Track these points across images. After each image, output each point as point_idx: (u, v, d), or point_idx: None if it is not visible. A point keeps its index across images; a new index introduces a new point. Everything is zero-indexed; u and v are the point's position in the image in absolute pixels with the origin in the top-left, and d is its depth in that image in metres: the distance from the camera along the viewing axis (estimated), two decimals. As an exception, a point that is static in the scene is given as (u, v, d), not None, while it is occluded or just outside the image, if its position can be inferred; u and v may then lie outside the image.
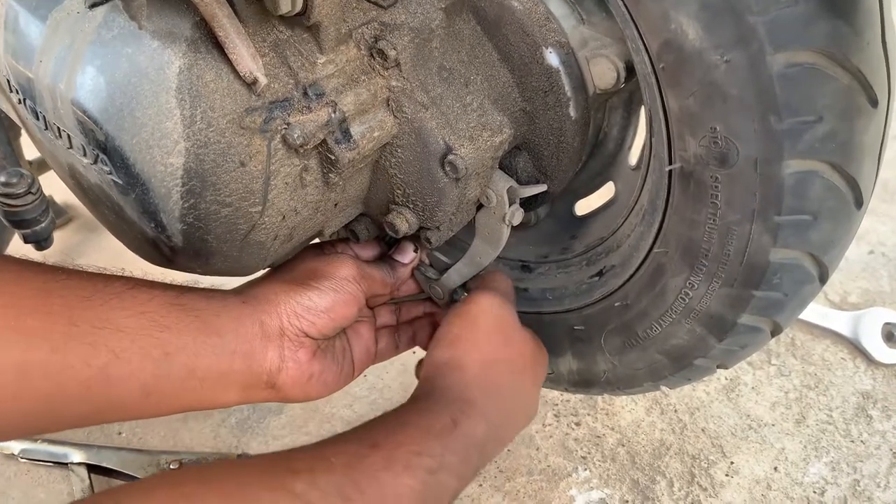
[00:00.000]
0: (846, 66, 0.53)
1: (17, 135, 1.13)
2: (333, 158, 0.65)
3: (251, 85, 0.59)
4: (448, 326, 0.79)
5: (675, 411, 1.24)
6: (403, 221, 0.75)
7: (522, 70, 0.73)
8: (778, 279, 0.64)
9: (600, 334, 0.83)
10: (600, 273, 0.83)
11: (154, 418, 0.67)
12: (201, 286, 0.70)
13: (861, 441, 1.18)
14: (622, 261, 0.79)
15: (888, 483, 1.12)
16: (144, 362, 0.60)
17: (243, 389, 0.69)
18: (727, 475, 1.14)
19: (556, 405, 1.26)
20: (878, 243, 1.54)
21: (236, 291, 0.73)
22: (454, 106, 0.70)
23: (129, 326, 0.60)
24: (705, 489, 1.12)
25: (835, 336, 1.35)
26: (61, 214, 1.73)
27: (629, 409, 1.25)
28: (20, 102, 0.66)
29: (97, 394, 0.58)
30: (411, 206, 0.74)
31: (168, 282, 0.67)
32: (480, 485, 1.14)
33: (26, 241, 0.65)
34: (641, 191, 0.78)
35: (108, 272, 0.64)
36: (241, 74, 0.58)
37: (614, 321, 0.81)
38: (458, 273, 0.88)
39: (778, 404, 1.24)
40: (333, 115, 0.64)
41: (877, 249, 1.53)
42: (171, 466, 1.15)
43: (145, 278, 0.66)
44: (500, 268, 0.96)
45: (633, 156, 0.87)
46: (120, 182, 0.61)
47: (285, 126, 0.62)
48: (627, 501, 1.11)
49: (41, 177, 1.24)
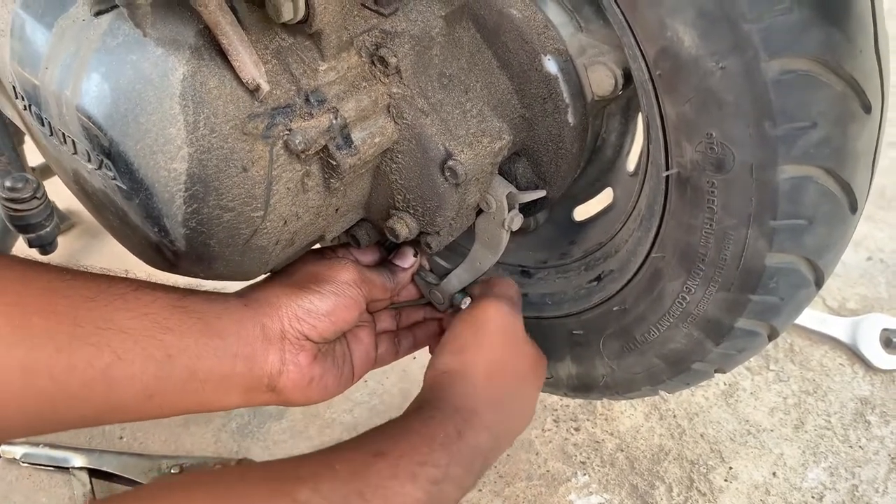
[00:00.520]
0: (840, 73, 0.54)
1: (21, 140, 1.14)
2: (335, 164, 0.66)
3: (254, 91, 0.60)
4: (454, 333, 0.79)
5: (674, 416, 1.24)
6: (404, 226, 0.75)
7: (521, 77, 0.74)
8: (774, 283, 0.65)
9: (599, 339, 0.84)
10: (599, 278, 0.84)
11: (155, 422, 0.67)
12: (203, 289, 0.71)
13: (859, 446, 1.19)
14: (620, 266, 0.80)
15: (886, 488, 1.12)
16: (147, 364, 0.61)
17: (244, 392, 0.69)
18: (726, 480, 1.14)
19: (556, 410, 1.26)
20: (877, 249, 1.55)
21: (238, 294, 0.74)
22: (454, 112, 0.71)
23: (133, 328, 0.60)
24: (704, 494, 1.12)
25: (833, 342, 1.36)
26: (64, 220, 1.73)
27: (628, 415, 1.25)
28: (26, 109, 0.67)
29: (99, 395, 0.59)
30: (412, 212, 0.75)
31: (171, 284, 0.68)
32: (480, 490, 1.15)
33: (31, 245, 0.66)
34: (639, 196, 0.79)
35: (112, 273, 0.65)
36: (244, 81, 0.59)
37: (612, 326, 0.81)
38: (458, 278, 0.89)
39: (777, 410, 1.25)
40: (335, 122, 0.65)
41: (875, 256, 1.54)
42: (173, 471, 1.15)
43: (149, 280, 0.66)
44: (500, 273, 0.96)
45: (632, 162, 0.88)
46: (124, 187, 0.61)
47: (287, 132, 0.63)
48: (627, 506, 1.12)
49: (45, 182, 1.25)
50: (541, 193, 0.80)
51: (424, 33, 0.68)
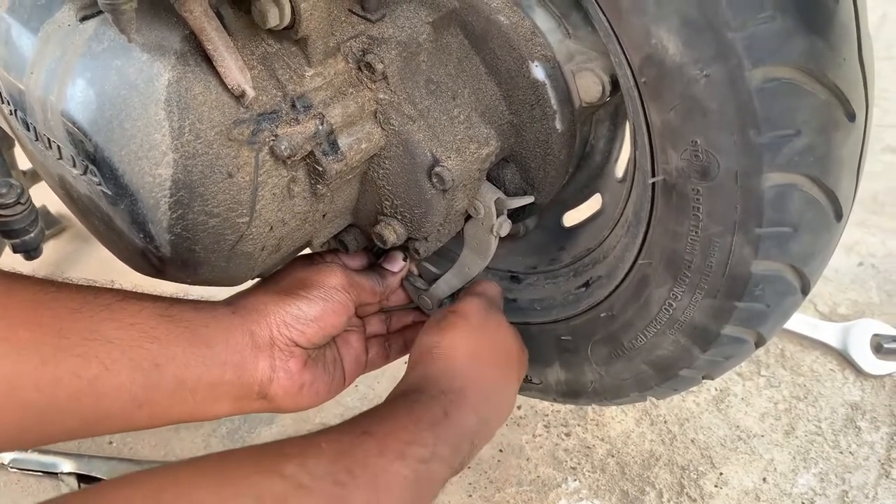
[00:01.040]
0: (823, 82, 0.54)
1: (11, 145, 1.14)
2: (321, 170, 0.66)
3: (239, 97, 0.60)
4: (438, 317, 0.80)
5: (665, 422, 1.24)
6: (391, 232, 0.75)
7: (509, 83, 0.74)
8: (760, 290, 0.65)
9: (587, 345, 0.84)
10: (587, 284, 0.84)
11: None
12: (191, 297, 0.70)
13: (850, 452, 1.19)
14: (608, 272, 0.80)
15: (876, 494, 1.12)
16: (134, 374, 0.60)
17: (235, 400, 0.69)
18: (716, 486, 1.14)
19: (547, 416, 1.26)
20: (868, 255, 1.55)
21: (226, 302, 0.73)
22: (441, 118, 0.71)
23: (119, 338, 0.60)
24: (694, 500, 1.12)
25: (824, 347, 1.36)
26: (54, 224, 1.73)
27: (619, 420, 1.25)
28: (12, 114, 0.67)
29: (87, 406, 0.58)
30: (399, 218, 0.75)
31: (158, 293, 0.68)
32: (470, 495, 1.15)
33: (15, 251, 0.66)
34: (627, 202, 0.79)
35: (99, 284, 0.65)
36: (230, 87, 0.59)
37: (601, 332, 0.81)
38: (447, 283, 0.89)
39: (767, 415, 1.25)
40: (321, 127, 0.65)
41: (866, 261, 1.54)
42: (162, 476, 1.15)
43: (135, 290, 0.66)
44: (489, 278, 0.96)
45: (620, 168, 0.88)
46: (109, 193, 0.61)
47: (273, 138, 0.63)
48: (617, 512, 1.11)
49: (35, 187, 1.25)
50: (529, 199, 0.80)
51: (412, 39, 0.68)
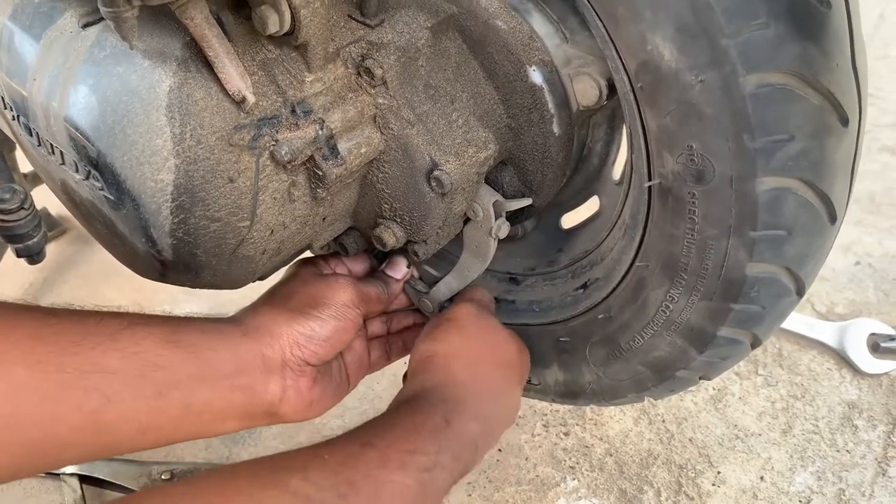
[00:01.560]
0: (816, 87, 0.54)
1: (12, 148, 1.15)
2: (321, 174, 0.67)
3: (240, 103, 0.61)
4: (433, 326, 0.81)
5: (663, 421, 1.25)
6: (391, 235, 0.76)
7: (507, 87, 0.74)
8: (755, 293, 0.66)
9: (585, 346, 0.85)
10: (585, 286, 0.84)
11: None
12: (201, 317, 0.70)
13: (846, 450, 1.20)
14: (605, 274, 0.80)
15: (873, 492, 1.13)
16: (137, 403, 0.60)
17: (242, 419, 0.69)
18: (714, 485, 1.15)
19: (545, 415, 1.27)
20: (865, 254, 1.56)
21: (235, 321, 0.73)
22: (440, 122, 0.71)
23: (122, 368, 0.60)
24: (692, 499, 1.13)
25: (821, 347, 1.37)
26: (56, 226, 1.74)
27: (617, 419, 1.26)
28: (14, 119, 0.67)
29: (90, 437, 0.59)
30: (399, 220, 0.75)
31: (166, 315, 0.67)
32: (469, 495, 1.15)
33: (19, 256, 0.67)
34: (624, 205, 0.80)
35: (105, 308, 0.64)
36: (230, 93, 0.60)
37: (598, 333, 0.82)
38: (447, 286, 0.89)
39: (765, 414, 1.26)
40: (321, 132, 0.65)
41: (863, 261, 1.55)
42: (164, 477, 1.16)
43: (143, 313, 0.66)
44: (489, 280, 0.97)
45: (617, 170, 0.89)
46: (111, 198, 0.62)
47: (273, 143, 0.63)
48: (615, 511, 1.12)
49: (36, 189, 1.26)
50: (527, 202, 0.81)
51: (410, 44, 0.69)
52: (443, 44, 0.73)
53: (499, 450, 1.22)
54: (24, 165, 1.31)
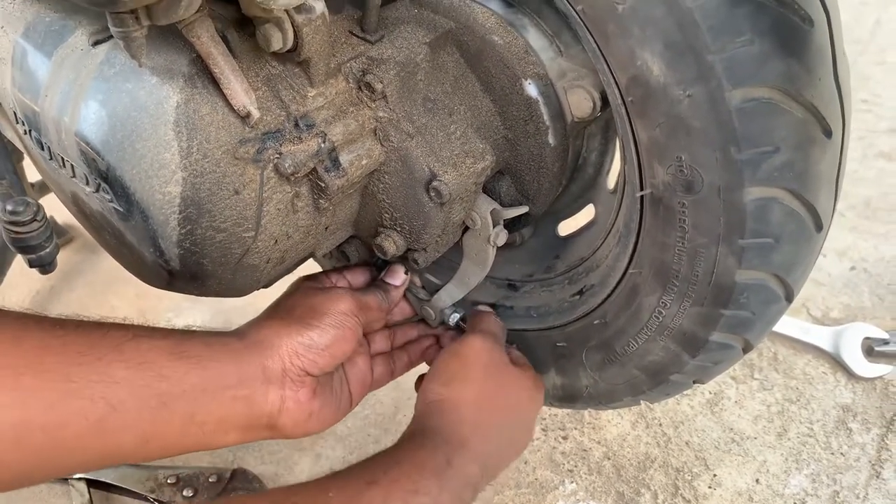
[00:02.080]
0: (800, 101, 0.56)
1: (20, 158, 1.17)
2: (323, 185, 0.69)
3: (245, 118, 0.63)
4: (443, 364, 0.82)
5: (660, 425, 1.27)
6: (391, 244, 0.78)
7: (504, 100, 0.76)
8: (745, 299, 0.67)
9: (582, 351, 0.87)
10: (581, 292, 0.86)
11: None
12: (205, 330, 0.72)
13: (841, 453, 1.21)
14: (601, 280, 0.82)
15: (867, 494, 1.15)
16: (142, 412, 0.62)
17: (243, 431, 0.71)
18: (710, 487, 1.17)
19: (544, 419, 1.29)
20: (860, 259, 1.58)
21: (238, 335, 0.74)
22: (438, 135, 0.74)
23: (127, 378, 0.61)
24: (689, 501, 1.15)
25: (816, 351, 1.39)
26: (62, 234, 1.76)
27: (615, 423, 1.28)
28: (26, 133, 0.70)
29: (94, 444, 0.60)
30: (399, 229, 0.77)
31: (170, 328, 0.69)
32: (470, 498, 1.17)
33: (31, 266, 0.69)
34: (618, 213, 0.82)
35: (111, 318, 0.66)
36: (236, 108, 0.62)
37: (594, 338, 0.84)
38: (448, 293, 0.91)
39: (760, 418, 1.27)
40: (323, 145, 0.67)
41: (858, 265, 1.56)
42: (170, 481, 1.18)
43: (146, 325, 0.68)
44: (488, 286, 0.99)
45: (612, 180, 0.91)
46: (120, 209, 0.64)
47: (277, 156, 0.65)
48: (613, 513, 1.14)
49: (43, 199, 1.28)
50: (523, 210, 0.83)
51: (409, 59, 0.71)
52: (441, 58, 0.75)
53: (499, 453, 1.24)
54: (31, 175, 1.34)
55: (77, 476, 1.18)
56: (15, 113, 0.70)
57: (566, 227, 0.98)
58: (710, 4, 0.54)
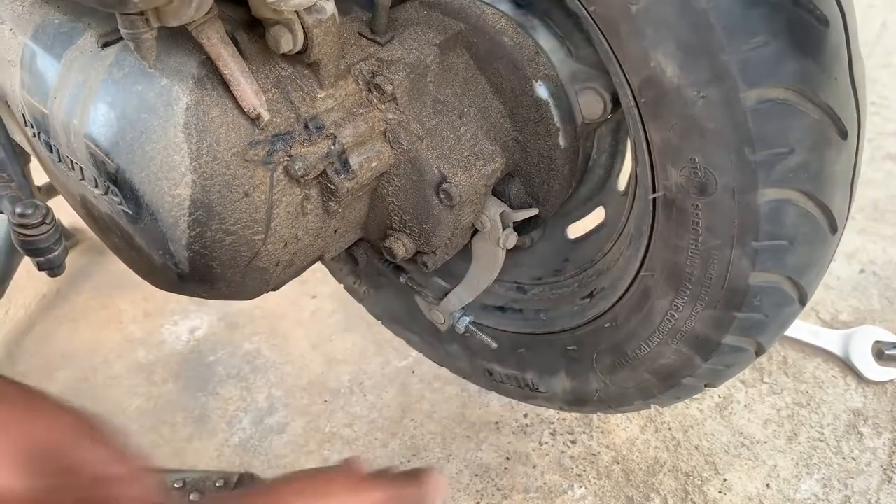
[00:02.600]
0: (815, 101, 0.56)
1: (27, 160, 1.17)
2: (333, 188, 0.69)
3: (255, 120, 0.62)
4: None
5: (670, 429, 1.26)
6: (401, 246, 0.78)
7: (514, 102, 0.76)
8: (758, 301, 0.67)
9: (592, 354, 0.86)
10: (591, 295, 0.86)
11: (159, 437, 0.65)
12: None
13: (852, 458, 1.20)
14: (611, 283, 0.82)
15: (878, 499, 1.14)
16: None
17: None
18: (720, 492, 1.16)
19: (552, 424, 1.28)
20: (869, 262, 1.57)
21: None
22: (448, 137, 0.73)
23: None
24: (699, 506, 1.14)
25: (826, 354, 1.37)
26: (69, 237, 1.75)
27: (624, 427, 1.27)
28: (35, 136, 0.69)
29: None
30: (408, 232, 0.77)
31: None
32: (478, 502, 1.16)
33: (40, 269, 0.68)
34: (629, 215, 0.81)
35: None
36: (245, 110, 0.62)
37: (605, 342, 0.84)
38: (458, 297, 0.91)
39: (770, 422, 1.26)
40: (333, 147, 0.67)
41: (867, 268, 1.56)
42: (176, 485, 1.17)
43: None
44: (497, 288, 0.98)
45: (622, 181, 0.90)
46: (130, 212, 0.64)
47: (287, 158, 0.65)
48: (622, 518, 1.13)
49: (49, 201, 1.28)
50: (533, 212, 0.83)
51: (419, 61, 0.71)
52: (451, 60, 0.75)
53: (507, 458, 1.23)
54: (38, 178, 1.34)
55: (84, 480, 1.18)
56: (23, 115, 0.70)
57: (576, 230, 0.98)
58: (725, 5, 0.54)
